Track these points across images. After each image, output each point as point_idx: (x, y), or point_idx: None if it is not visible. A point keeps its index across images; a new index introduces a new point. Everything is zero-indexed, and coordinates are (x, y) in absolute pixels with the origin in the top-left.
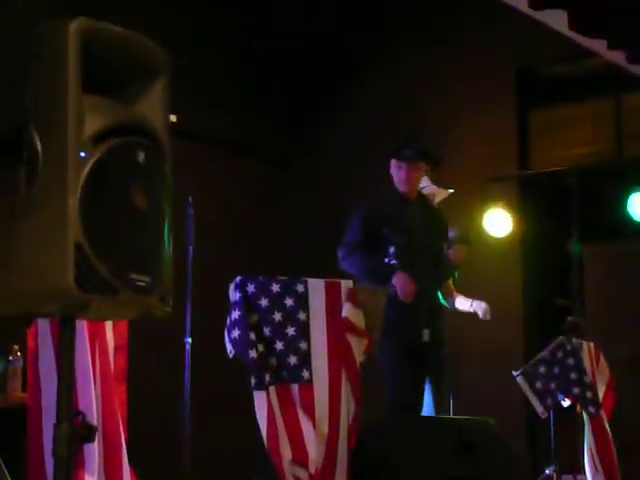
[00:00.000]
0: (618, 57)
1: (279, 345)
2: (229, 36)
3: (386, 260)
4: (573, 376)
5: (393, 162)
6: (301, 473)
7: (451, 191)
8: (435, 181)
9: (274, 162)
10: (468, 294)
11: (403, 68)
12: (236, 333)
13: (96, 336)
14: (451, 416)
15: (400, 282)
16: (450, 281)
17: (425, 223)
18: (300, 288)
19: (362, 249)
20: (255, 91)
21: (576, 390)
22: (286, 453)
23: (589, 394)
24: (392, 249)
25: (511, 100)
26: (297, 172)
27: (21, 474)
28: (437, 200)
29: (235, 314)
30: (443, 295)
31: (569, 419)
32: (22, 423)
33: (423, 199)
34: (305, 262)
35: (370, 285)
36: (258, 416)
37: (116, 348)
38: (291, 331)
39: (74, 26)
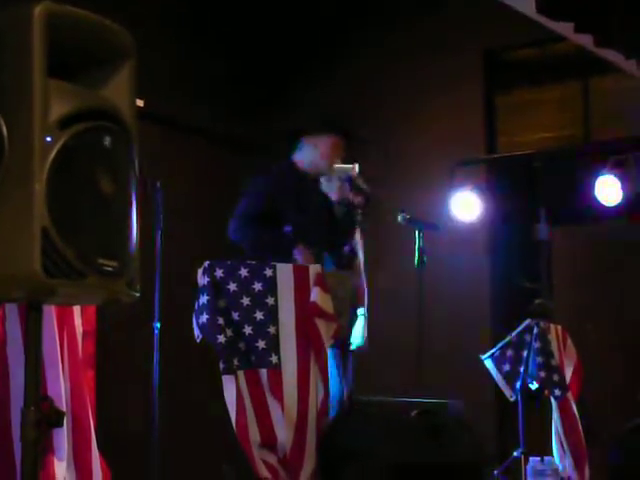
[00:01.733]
0: (585, 40)
1: (247, 330)
2: (200, 18)
3: (285, 235)
4: (539, 359)
5: (326, 139)
6: (270, 457)
7: (356, 165)
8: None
9: (243, 147)
10: (436, 278)
11: (370, 50)
12: (204, 318)
13: (64, 322)
14: (419, 400)
15: (302, 256)
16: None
17: (323, 201)
18: (268, 272)
19: (259, 222)
20: (225, 76)
21: (542, 374)
22: (255, 437)
23: (555, 377)
24: (290, 225)
25: (478, 83)
26: (267, 158)
27: None
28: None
29: (203, 299)
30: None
31: (537, 402)
32: None
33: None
34: None
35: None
36: (227, 401)
37: (84, 333)
38: (259, 315)
39: (38, 10)
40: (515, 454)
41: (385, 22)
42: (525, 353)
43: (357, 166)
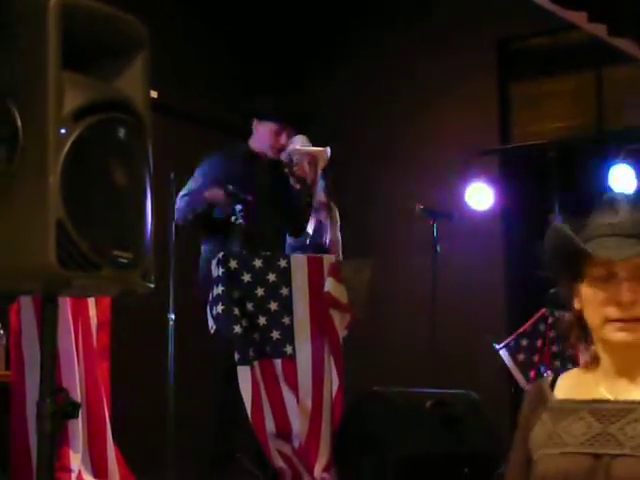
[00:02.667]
0: (599, 30)
1: (262, 320)
2: (214, 11)
3: (232, 218)
4: (555, 349)
5: (269, 125)
6: (284, 447)
7: (326, 149)
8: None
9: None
10: (451, 267)
11: (387, 40)
12: (219, 308)
13: (79, 313)
14: (434, 390)
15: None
16: None
17: (274, 183)
18: (283, 263)
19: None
20: (239, 68)
21: (557, 363)
22: (270, 427)
23: (570, 366)
24: (239, 206)
25: (493, 73)
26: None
27: (5, 451)
28: (321, 163)
29: (218, 290)
30: None
31: None
32: (6, 401)
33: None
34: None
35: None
36: (242, 391)
37: (99, 325)
38: (274, 306)
39: (53, 2)
40: None
41: (400, 14)
42: (540, 342)
43: (327, 150)
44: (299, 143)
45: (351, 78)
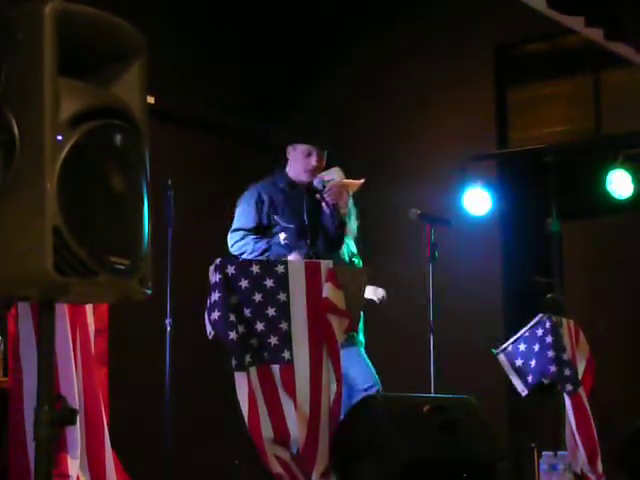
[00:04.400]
0: (596, 34)
1: (259, 326)
2: (211, 15)
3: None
4: (550, 354)
5: (302, 148)
6: (282, 453)
7: (362, 181)
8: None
9: (254, 143)
10: (448, 273)
11: (385, 44)
12: (216, 314)
13: (76, 320)
14: (432, 395)
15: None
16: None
17: (313, 208)
18: (280, 269)
19: (254, 233)
20: (236, 71)
21: (553, 368)
22: (267, 433)
23: (567, 372)
24: (283, 234)
25: (490, 78)
26: (278, 153)
27: (3, 458)
28: (351, 190)
29: (215, 296)
30: None
31: (550, 396)
32: (3, 407)
33: (309, 185)
34: None
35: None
36: (239, 397)
37: (96, 331)
38: (271, 312)
39: (49, 8)
40: (528, 448)
41: (398, 19)
42: (537, 347)
43: (362, 180)
44: (336, 175)
45: (349, 81)
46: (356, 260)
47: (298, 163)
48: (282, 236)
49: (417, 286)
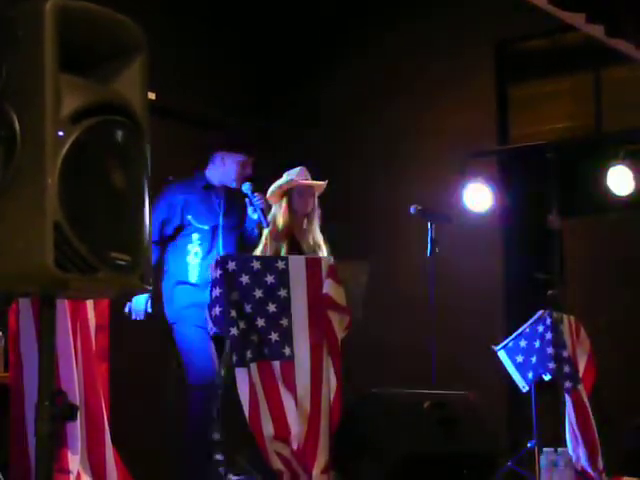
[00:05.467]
0: (597, 31)
1: (260, 322)
2: (212, 11)
3: (189, 246)
4: (550, 351)
5: (238, 157)
6: (283, 450)
7: (325, 182)
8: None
9: (256, 140)
10: (449, 269)
11: (385, 42)
12: (217, 310)
13: (77, 315)
14: (432, 391)
15: None
16: None
17: (230, 210)
18: (281, 265)
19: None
20: (237, 68)
21: (552, 365)
22: (268, 430)
23: (566, 369)
24: (196, 234)
25: (490, 74)
26: (278, 150)
27: (3, 453)
28: (318, 191)
29: (216, 291)
30: None
31: (550, 393)
32: (4, 403)
33: (228, 188)
34: None
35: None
36: (240, 393)
37: (97, 327)
38: (272, 308)
39: (50, 5)
40: (529, 445)
41: (398, 15)
42: (537, 344)
43: (325, 182)
44: (301, 175)
45: (350, 79)
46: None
47: (231, 171)
48: (195, 236)
49: (418, 282)
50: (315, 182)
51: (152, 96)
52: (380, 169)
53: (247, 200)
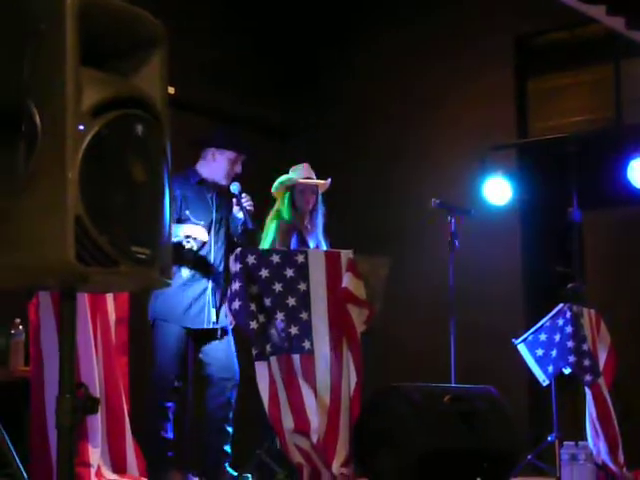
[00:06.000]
0: (617, 23)
1: (280, 316)
2: (231, 5)
3: (184, 242)
4: (570, 344)
5: (230, 155)
6: (303, 443)
7: (329, 181)
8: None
9: (276, 134)
10: (469, 262)
11: (403, 35)
12: (237, 304)
13: (97, 309)
14: (453, 385)
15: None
16: None
17: (221, 208)
18: (300, 259)
19: None
20: (257, 63)
21: (572, 358)
22: (288, 423)
23: (586, 362)
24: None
25: (510, 68)
26: (299, 144)
27: (24, 447)
28: (321, 189)
29: (236, 285)
30: None
31: (571, 386)
32: (25, 396)
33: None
34: None
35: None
36: (260, 387)
37: (117, 321)
38: (292, 301)
39: (71, 0)
40: (549, 439)
41: (416, 7)
42: (558, 337)
43: (329, 181)
44: (304, 171)
45: (367, 73)
46: None
47: (222, 167)
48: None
49: (437, 276)
50: (315, 181)
51: (171, 90)
52: (399, 163)
53: (234, 200)
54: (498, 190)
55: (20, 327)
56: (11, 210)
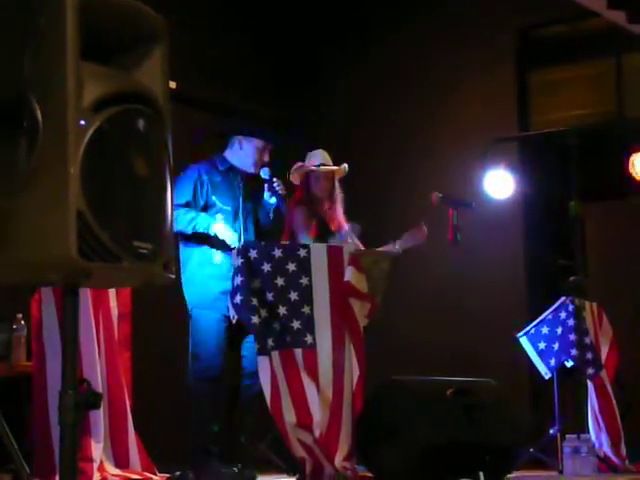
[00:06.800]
0: (618, 17)
1: (282, 310)
2: (229, 3)
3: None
4: (572, 337)
5: (258, 143)
6: (305, 437)
7: (345, 165)
8: None
9: (275, 128)
10: (471, 256)
11: (404, 29)
12: (239, 298)
13: (100, 304)
14: (455, 379)
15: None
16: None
17: (249, 195)
18: (302, 253)
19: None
20: (255, 56)
21: (574, 351)
22: (290, 418)
23: (589, 355)
24: (220, 215)
25: (511, 61)
26: (297, 138)
27: (27, 442)
28: (338, 175)
29: (237, 280)
30: None
31: (573, 379)
32: (27, 391)
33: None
34: None
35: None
36: (262, 381)
37: (119, 316)
38: (294, 296)
39: None
40: (551, 432)
41: (417, 3)
42: (560, 330)
43: (345, 166)
44: (316, 159)
45: (370, 67)
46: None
47: (250, 155)
48: (219, 217)
49: (439, 270)
50: (329, 167)
51: (173, 85)
52: (401, 157)
53: (266, 185)
54: (500, 183)
55: (22, 322)
56: (13, 206)
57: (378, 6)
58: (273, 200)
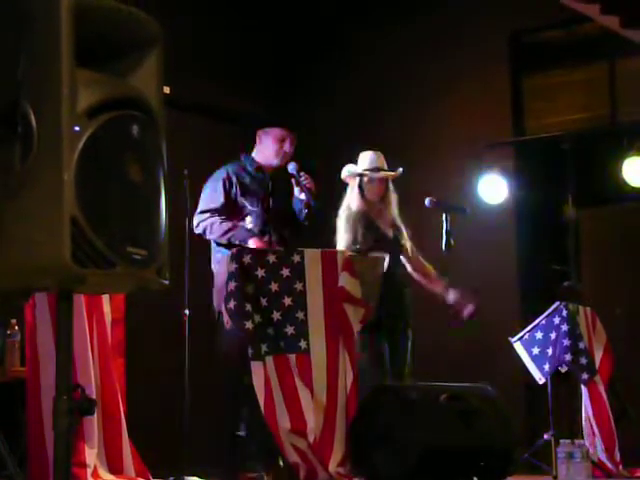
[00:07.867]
0: (612, 22)
1: (276, 315)
2: (227, 5)
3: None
4: (567, 342)
5: (276, 133)
6: (299, 442)
7: (400, 169)
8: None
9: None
10: (462, 261)
11: (399, 33)
12: (232, 304)
13: (93, 310)
14: (449, 384)
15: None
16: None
17: (280, 193)
18: (296, 258)
19: (220, 214)
20: (252, 62)
21: (568, 357)
22: (284, 423)
23: (583, 360)
24: (249, 217)
25: (505, 66)
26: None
27: (21, 448)
28: (392, 179)
29: (231, 285)
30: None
31: (567, 384)
32: (21, 397)
33: (278, 170)
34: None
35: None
36: (255, 386)
37: (113, 321)
38: (288, 301)
39: (66, 0)
40: (545, 437)
41: (412, 6)
42: (554, 335)
43: (400, 170)
44: (369, 162)
45: (363, 71)
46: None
47: (270, 148)
48: (248, 219)
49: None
50: (384, 174)
51: (166, 90)
52: (395, 160)
53: (293, 180)
54: (494, 188)
55: (16, 328)
56: (7, 211)
57: (372, 9)
58: (303, 196)
